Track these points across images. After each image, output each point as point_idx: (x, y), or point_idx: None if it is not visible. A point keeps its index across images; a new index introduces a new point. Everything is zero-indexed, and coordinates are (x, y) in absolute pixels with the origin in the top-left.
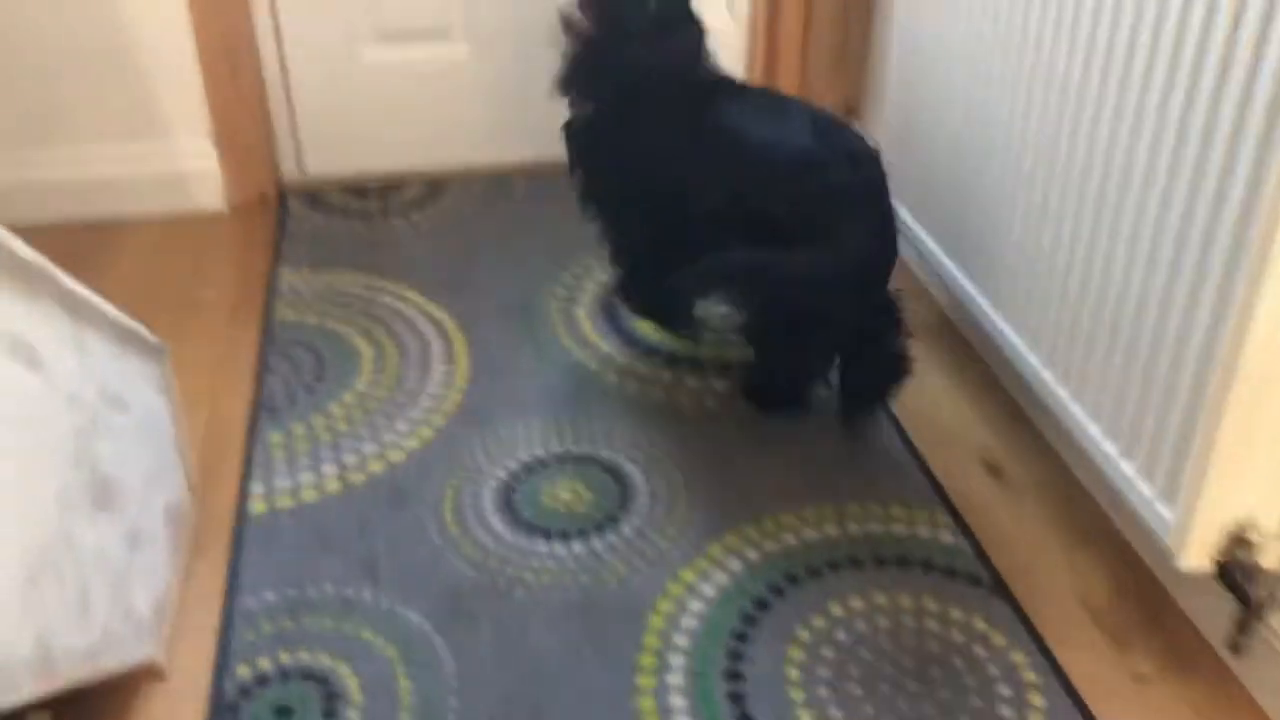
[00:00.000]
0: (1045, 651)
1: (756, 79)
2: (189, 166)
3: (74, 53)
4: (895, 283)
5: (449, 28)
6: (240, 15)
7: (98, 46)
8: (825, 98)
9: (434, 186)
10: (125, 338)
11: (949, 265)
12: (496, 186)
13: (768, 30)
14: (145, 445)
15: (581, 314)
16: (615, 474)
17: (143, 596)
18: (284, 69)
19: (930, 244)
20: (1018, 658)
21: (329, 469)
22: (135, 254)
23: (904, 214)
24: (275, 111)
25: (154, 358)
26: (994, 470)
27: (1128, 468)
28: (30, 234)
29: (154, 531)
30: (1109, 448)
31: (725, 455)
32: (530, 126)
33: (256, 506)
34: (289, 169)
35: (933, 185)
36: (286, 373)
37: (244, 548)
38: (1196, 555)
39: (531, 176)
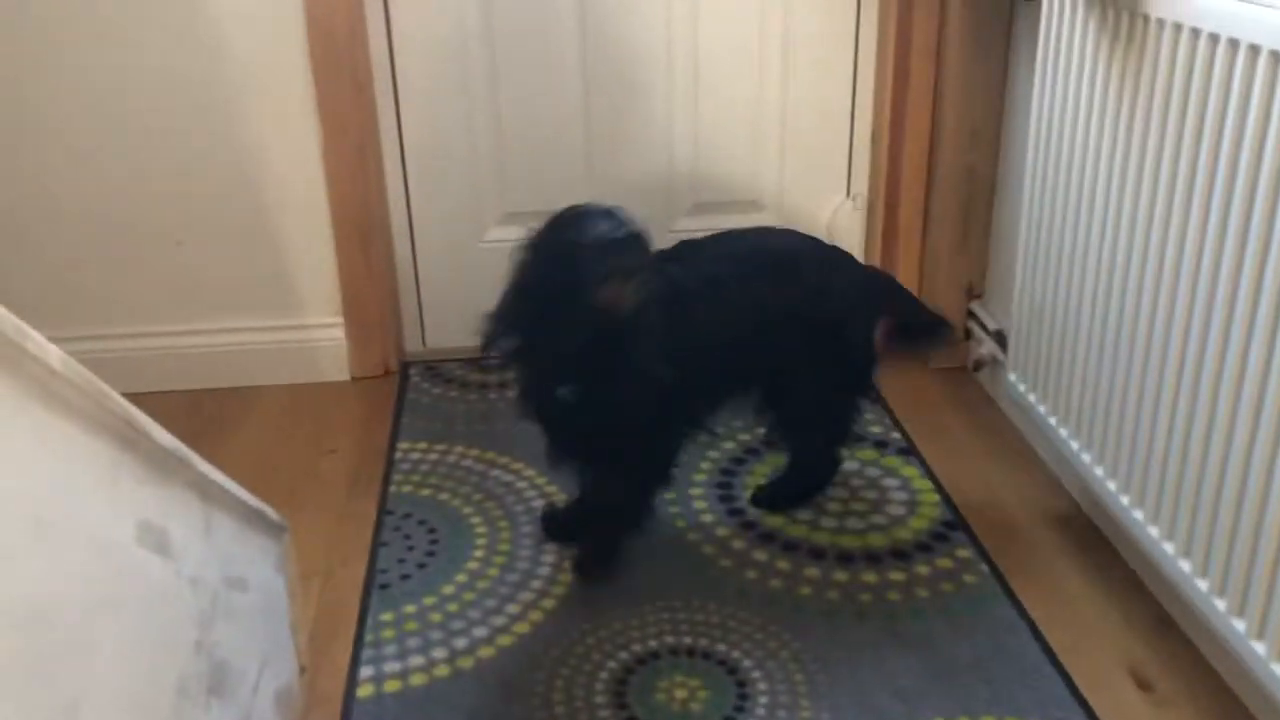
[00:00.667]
0: None
1: (876, 262)
2: (317, 338)
3: (212, 223)
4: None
5: None
6: (375, 196)
7: (237, 220)
8: (947, 283)
9: None
10: (250, 517)
11: (1076, 449)
12: None
13: (886, 216)
14: (262, 626)
15: (697, 493)
16: (732, 670)
17: None
18: (413, 246)
19: (1053, 423)
20: None
21: (438, 652)
22: (260, 422)
23: (1033, 400)
24: (403, 287)
25: (275, 536)
26: (1143, 683)
27: None
28: (160, 399)
29: (265, 716)
30: (1277, 669)
31: (850, 654)
32: None
33: (364, 690)
34: (412, 341)
35: (1064, 372)
36: (401, 548)
37: None
38: None
39: None
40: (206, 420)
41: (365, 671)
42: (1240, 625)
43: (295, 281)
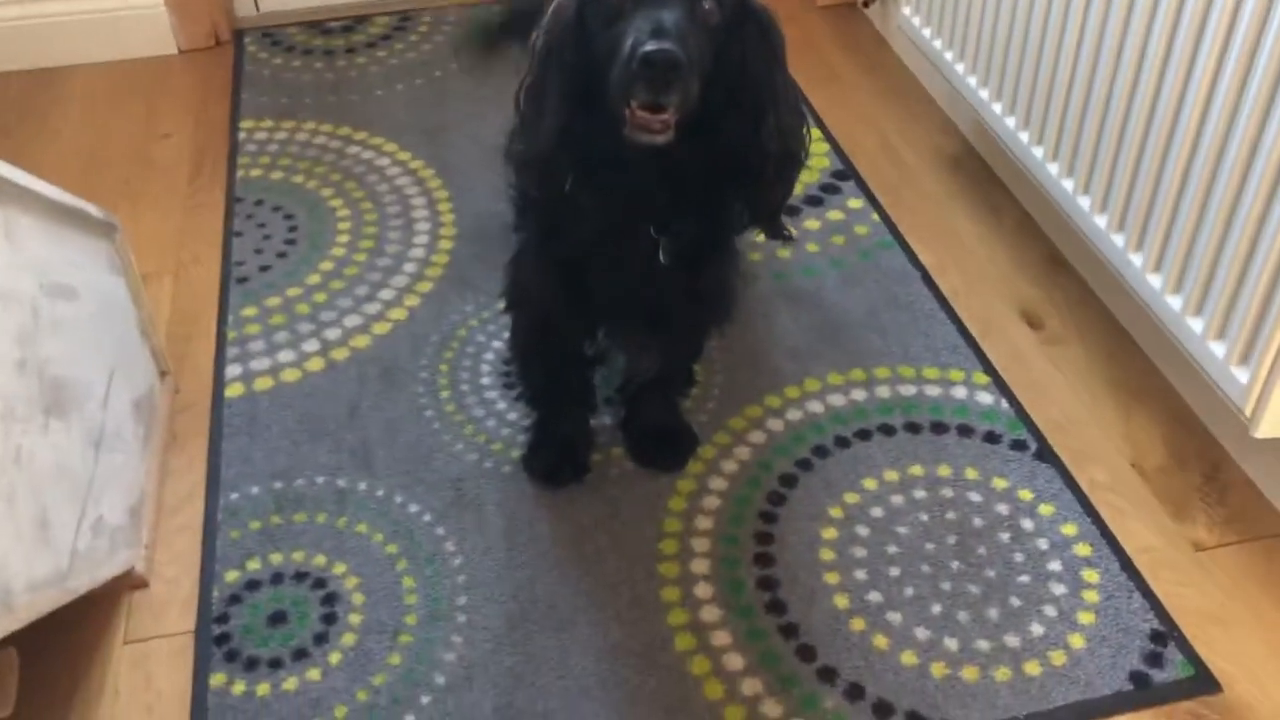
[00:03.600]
0: (1098, 521)
1: None
2: (133, 4)
3: None
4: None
5: None
6: None
7: None
8: None
9: (403, 19)
10: (64, 216)
11: (973, 85)
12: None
13: None
14: (102, 334)
15: None
16: None
17: (114, 503)
18: None
19: (949, 59)
20: (1068, 529)
21: (309, 345)
22: (78, 108)
23: (927, 35)
24: None
25: (103, 234)
26: (1034, 322)
27: (1196, 325)
28: None
29: (121, 429)
30: (1173, 302)
31: (740, 316)
32: None
33: (233, 390)
34: (243, 5)
35: (962, 1)
36: (256, 238)
37: (224, 438)
38: (1276, 423)
39: None
40: (11, 108)
41: (232, 370)
42: (1137, 259)
43: None
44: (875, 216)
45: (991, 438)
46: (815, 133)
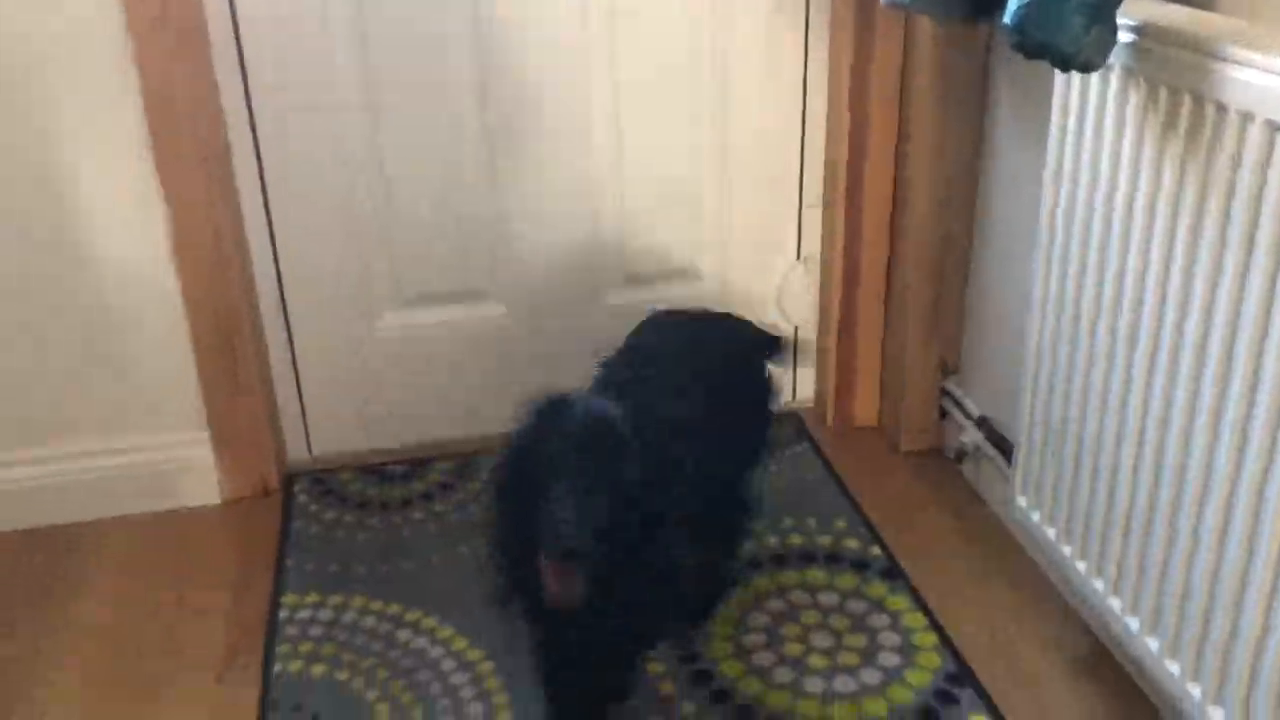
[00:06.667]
0: None
1: (830, 334)
2: (178, 456)
3: (36, 329)
4: None
5: (482, 288)
6: (236, 283)
7: (70, 325)
8: (916, 357)
9: (464, 464)
10: None
11: (1104, 595)
12: None
13: (845, 280)
14: None
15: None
16: None
17: None
18: (290, 341)
19: (1079, 566)
20: None
21: None
22: (106, 574)
23: (1040, 523)
24: (281, 389)
25: None
26: None
27: None
28: None
29: None
30: None
31: None
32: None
33: None
34: (296, 449)
35: (1079, 496)
36: None
37: None
38: None
39: None
40: (32, 579)
41: None
42: None
43: (145, 392)
44: None
45: None
46: (919, 619)
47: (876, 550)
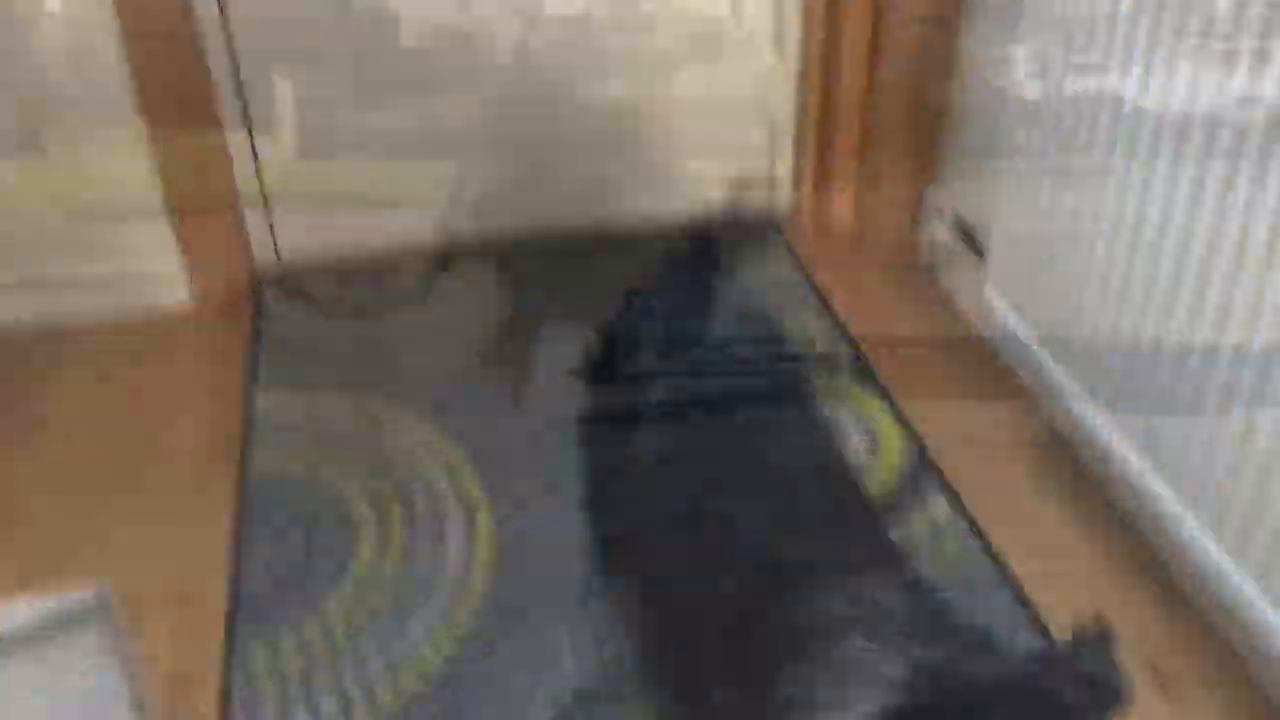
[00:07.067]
0: None
1: (809, 138)
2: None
3: None
4: None
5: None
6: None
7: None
8: (891, 165)
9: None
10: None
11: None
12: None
13: (824, 74)
14: None
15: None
16: None
17: None
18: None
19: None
20: None
21: (327, 703)
22: (78, 380)
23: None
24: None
25: (91, 619)
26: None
27: None
28: None
29: None
30: None
31: None
32: (550, 191)
33: None
34: (264, 249)
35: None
36: (269, 551)
37: None
38: None
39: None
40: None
41: None
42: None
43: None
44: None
45: None
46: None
47: (845, 349)
